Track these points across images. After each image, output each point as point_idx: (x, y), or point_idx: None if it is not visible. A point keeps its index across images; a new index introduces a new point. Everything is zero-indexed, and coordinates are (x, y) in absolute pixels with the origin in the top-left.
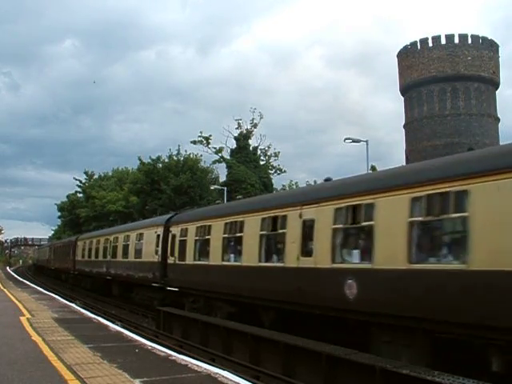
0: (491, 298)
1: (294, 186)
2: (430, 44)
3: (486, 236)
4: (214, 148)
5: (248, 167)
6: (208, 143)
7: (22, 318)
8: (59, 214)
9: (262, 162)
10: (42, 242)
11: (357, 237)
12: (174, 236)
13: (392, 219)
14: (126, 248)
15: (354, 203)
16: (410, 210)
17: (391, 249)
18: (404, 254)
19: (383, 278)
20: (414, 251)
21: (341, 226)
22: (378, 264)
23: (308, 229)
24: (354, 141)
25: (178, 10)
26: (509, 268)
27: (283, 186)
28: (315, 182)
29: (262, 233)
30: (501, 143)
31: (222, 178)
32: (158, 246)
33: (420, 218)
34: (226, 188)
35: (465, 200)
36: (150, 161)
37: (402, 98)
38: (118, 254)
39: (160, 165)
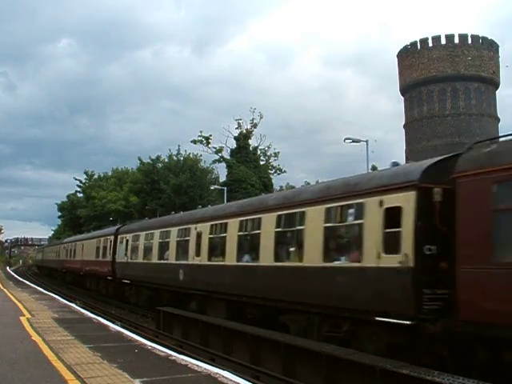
0: None
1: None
2: (430, 44)
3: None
4: (214, 148)
5: (248, 167)
6: (208, 143)
7: (21, 318)
8: (59, 213)
9: (261, 162)
10: (42, 242)
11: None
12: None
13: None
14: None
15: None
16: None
17: None
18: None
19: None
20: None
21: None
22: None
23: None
24: (353, 141)
25: (173, 10)
26: None
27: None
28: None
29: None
30: None
31: (222, 178)
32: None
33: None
34: (225, 188)
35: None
36: (149, 161)
37: (401, 98)
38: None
39: (160, 165)
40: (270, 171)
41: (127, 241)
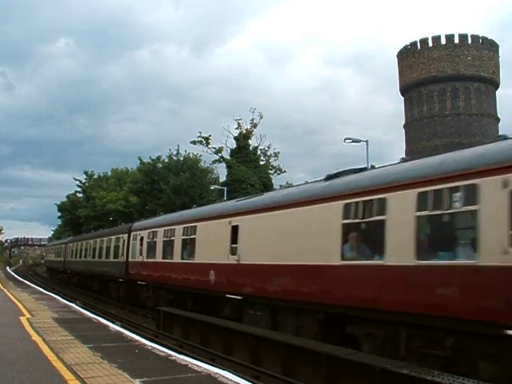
0: None
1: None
2: (430, 44)
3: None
4: (214, 148)
5: (248, 167)
6: (208, 143)
7: (21, 318)
8: (59, 214)
9: (261, 162)
10: (42, 242)
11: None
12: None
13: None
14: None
15: None
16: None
17: None
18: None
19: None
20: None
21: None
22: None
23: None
24: (353, 141)
25: (172, 10)
26: None
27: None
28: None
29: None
30: None
31: (222, 178)
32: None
33: None
34: (226, 188)
35: None
36: (149, 161)
37: (401, 98)
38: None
39: (160, 165)
40: (269, 171)
41: None
